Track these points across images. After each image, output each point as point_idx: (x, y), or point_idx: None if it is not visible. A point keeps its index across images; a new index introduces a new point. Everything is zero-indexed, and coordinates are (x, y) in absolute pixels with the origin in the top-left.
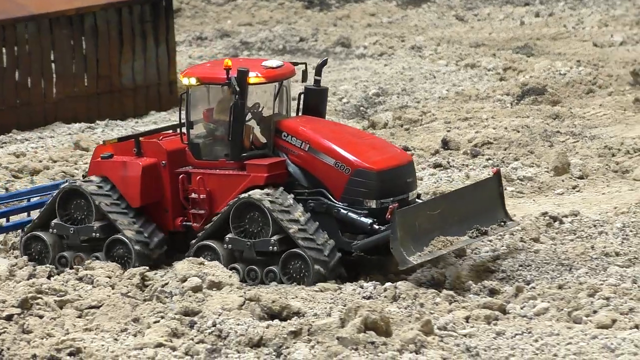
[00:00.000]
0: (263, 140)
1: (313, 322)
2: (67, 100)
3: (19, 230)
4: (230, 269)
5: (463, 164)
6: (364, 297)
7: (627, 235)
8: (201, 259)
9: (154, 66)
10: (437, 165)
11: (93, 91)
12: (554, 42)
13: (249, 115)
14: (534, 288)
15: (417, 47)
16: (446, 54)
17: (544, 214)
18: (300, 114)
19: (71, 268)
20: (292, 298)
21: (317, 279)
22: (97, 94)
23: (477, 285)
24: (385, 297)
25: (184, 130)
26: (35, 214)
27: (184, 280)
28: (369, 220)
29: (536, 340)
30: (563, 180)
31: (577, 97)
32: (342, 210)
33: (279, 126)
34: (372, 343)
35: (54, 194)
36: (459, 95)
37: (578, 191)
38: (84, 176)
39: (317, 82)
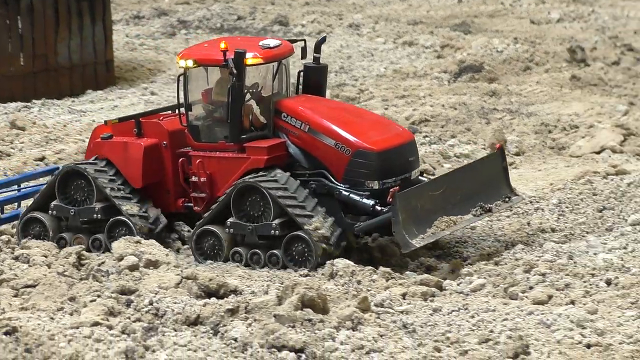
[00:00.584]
0: (263, 120)
1: (250, 300)
2: (3, 79)
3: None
4: (234, 253)
5: None
6: (301, 275)
7: (563, 212)
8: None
9: (91, 45)
10: None
11: (29, 70)
12: (491, 19)
13: (248, 96)
14: (470, 264)
15: (355, 25)
16: (384, 31)
17: None
18: (300, 92)
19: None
20: (229, 276)
21: (320, 257)
22: (34, 73)
23: (414, 262)
24: (322, 274)
25: (182, 111)
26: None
27: (120, 259)
28: (371, 202)
29: (472, 317)
30: None
31: (514, 74)
32: (344, 192)
33: (278, 106)
34: (309, 320)
35: (53, 176)
36: (396, 73)
37: (515, 168)
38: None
39: (316, 59)
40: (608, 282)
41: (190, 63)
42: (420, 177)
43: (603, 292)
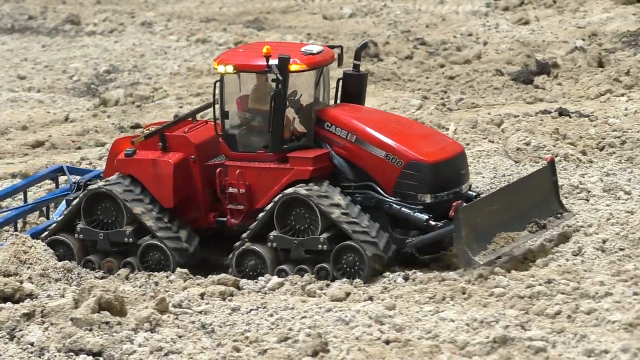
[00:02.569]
0: (302, 130)
1: (46, 303)
2: None
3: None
4: (279, 272)
5: None
6: (96, 277)
7: None
8: None
9: None
10: None
11: None
12: (284, 15)
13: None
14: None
15: (148, 23)
16: (177, 29)
17: None
18: (339, 101)
19: (101, 270)
20: (25, 280)
21: (373, 273)
22: None
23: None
24: (118, 275)
25: (213, 118)
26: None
27: None
28: (424, 216)
29: (271, 315)
30: None
31: None
32: (395, 205)
33: (320, 115)
34: (107, 323)
35: (79, 197)
36: (190, 70)
37: None
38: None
39: (356, 66)
40: (405, 278)
41: (229, 69)
42: (469, 192)
43: (401, 288)
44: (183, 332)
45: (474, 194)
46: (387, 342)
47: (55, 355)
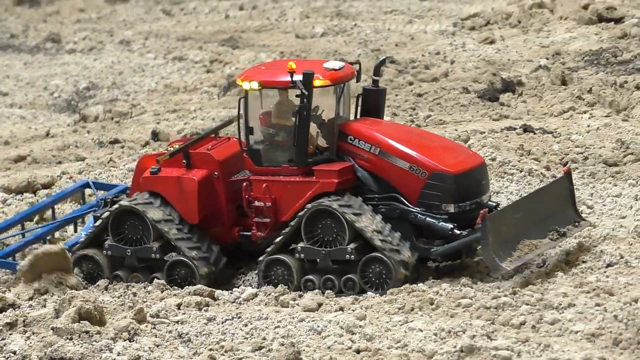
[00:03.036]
0: (323, 144)
1: (28, 313)
2: None
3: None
4: (305, 281)
5: None
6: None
7: None
8: None
9: None
10: None
11: None
12: (258, 34)
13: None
14: (244, 274)
15: (126, 42)
16: (154, 47)
17: None
18: (358, 115)
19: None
20: (6, 290)
21: (400, 281)
22: None
23: None
24: (98, 286)
25: (237, 134)
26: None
27: None
28: (449, 225)
29: (246, 325)
30: None
31: None
32: (420, 215)
33: (343, 129)
34: (87, 332)
35: (106, 215)
36: (167, 87)
37: None
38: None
39: (375, 82)
40: None
41: (255, 85)
42: (489, 202)
43: (371, 299)
44: (160, 342)
45: (494, 204)
46: (358, 351)
47: None
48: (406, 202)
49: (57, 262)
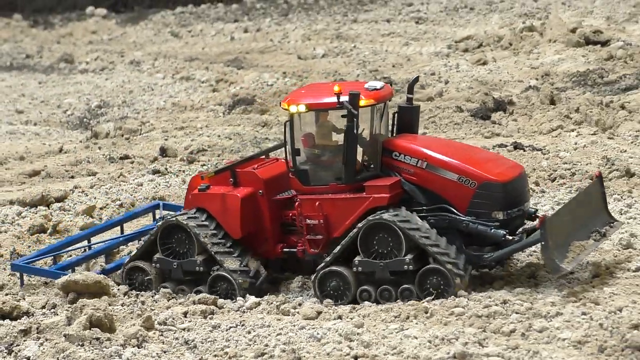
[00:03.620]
0: (368, 160)
1: (42, 321)
2: None
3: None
4: (361, 292)
5: (180, 170)
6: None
7: None
8: None
9: None
10: (155, 172)
11: None
12: (262, 55)
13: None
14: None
15: (136, 62)
16: (163, 67)
17: None
18: (395, 132)
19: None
20: (21, 299)
21: (457, 291)
22: None
23: None
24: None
25: (285, 156)
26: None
27: None
28: (502, 232)
29: (249, 332)
30: None
31: None
32: (472, 224)
33: (387, 146)
34: (97, 339)
35: (155, 229)
36: (175, 106)
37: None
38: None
39: (409, 100)
40: None
41: (302, 108)
42: (530, 208)
43: (368, 307)
44: (167, 348)
45: (533, 210)
46: (356, 357)
47: None
48: (456, 212)
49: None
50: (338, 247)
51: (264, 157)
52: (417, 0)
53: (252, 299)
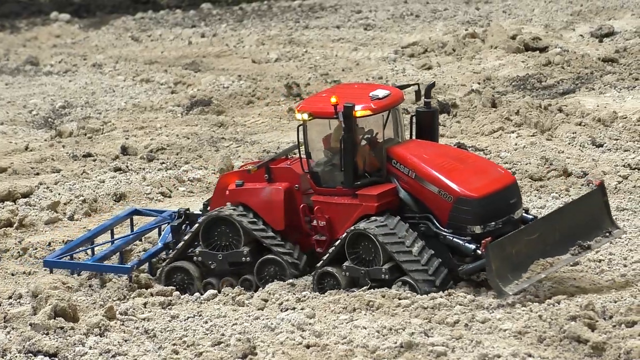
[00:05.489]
0: (378, 165)
1: (8, 310)
2: None
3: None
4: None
5: (140, 167)
6: (52, 288)
7: None
8: None
9: None
10: (117, 169)
11: None
12: (218, 59)
13: (363, 142)
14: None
15: (98, 65)
16: (124, 70)
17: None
18: (413, 136)
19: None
20: None
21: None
22: None
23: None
24: (70, 286)
25: (303, 157)
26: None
27: None
28: (472, 246)
29: (206, 322)
30: None
31: (238, 107)
32: (448, 236)
33: (389, 153)
34: (62, 328)
35: (196, 225)
36: (135, 107)
37: None
38: (205, 205)
39: (427, 104)
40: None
41: (305, 116)
42: (525, 215)
43: (316, 299)
44: (128, 337)
45: (531, 217)
46: (308, 346)
47: (16, 356)
48: (437, 224)
49: None
50: (330, 252)
51: (285, 157)
52: (366, 7)
53: (210, 291)
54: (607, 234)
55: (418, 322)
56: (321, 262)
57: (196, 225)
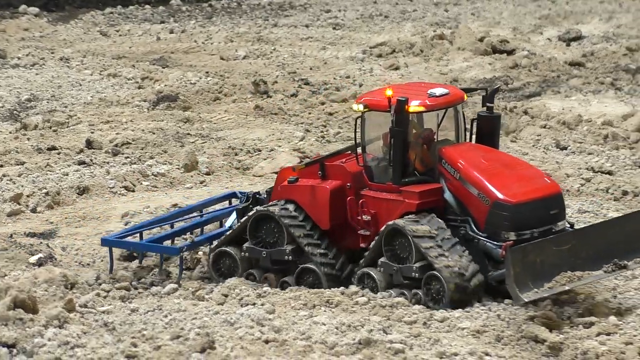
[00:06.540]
0: (430, 165)
1: None
2: None
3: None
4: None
5: (104, 162)
6: (13, 279)
7: None
8: None
9: None
10: (81, 163)
11: None
12: (186, 55)
13: (419, 141)
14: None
15: (66, 59)
16: (91, 64)
17: (174, 205)
18: (473, 140)
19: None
20: None
21: (454, 300)
22: None
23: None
24: (36, 282)
25: (355, 152)
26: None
27: None
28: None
29: (166, 316)
30: (192, 176)
31: (205, 103)
32: (482, 241)
33: (440, 153)
34: (21, 319)
35: (245, 218)
36: (102, 101)
37: (205, 185)
38: (268, 192)
39: (489, 108)
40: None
41: (361, 107)
42: (568, 229)
43: (277, 295)
44: (87, 329)
45: (569, 226)
46: (267, 341)
47: None
48: (474, 227)
49: None
50: (369, 250)
51: (349, 152)
52: (335, 7)
53: (170, 285)
54: None
55: (377, 320)
56: (360, 263)
57: (244, 218)
